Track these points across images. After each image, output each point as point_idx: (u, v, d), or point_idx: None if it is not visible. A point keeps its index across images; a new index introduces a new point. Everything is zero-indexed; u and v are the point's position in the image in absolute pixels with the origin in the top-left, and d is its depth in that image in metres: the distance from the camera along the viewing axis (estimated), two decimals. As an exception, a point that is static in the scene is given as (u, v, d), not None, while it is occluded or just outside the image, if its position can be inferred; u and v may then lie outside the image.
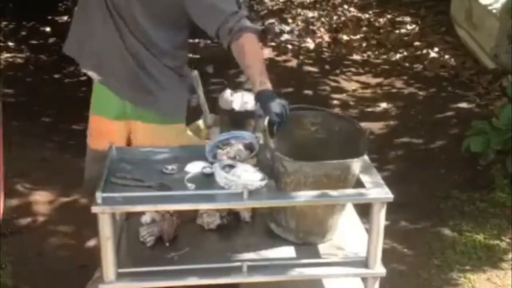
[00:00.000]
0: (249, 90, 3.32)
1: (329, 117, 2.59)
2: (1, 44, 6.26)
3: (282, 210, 2.46)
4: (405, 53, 6.42)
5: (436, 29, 6.98)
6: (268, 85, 2.51)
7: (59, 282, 3.22)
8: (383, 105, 5.37)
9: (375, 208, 2.30)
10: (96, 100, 3.00)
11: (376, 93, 5.63)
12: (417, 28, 7.06)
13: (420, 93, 5.61)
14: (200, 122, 3.62)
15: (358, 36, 6.85)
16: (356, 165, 2.34)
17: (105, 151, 2.58)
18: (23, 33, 6.68)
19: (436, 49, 6.40)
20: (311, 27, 7.08)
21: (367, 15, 7.45)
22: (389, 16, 7.42)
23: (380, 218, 2.30)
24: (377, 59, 6.33)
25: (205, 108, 3.51)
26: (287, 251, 2.51)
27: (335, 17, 7.37)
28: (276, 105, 2.42)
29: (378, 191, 2.32)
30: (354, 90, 5.67)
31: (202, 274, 2.35)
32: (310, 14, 7.47)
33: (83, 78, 5.82)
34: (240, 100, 3.43)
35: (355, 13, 7.51)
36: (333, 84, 5.78)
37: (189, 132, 3.15)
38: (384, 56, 6.40)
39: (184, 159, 2.52)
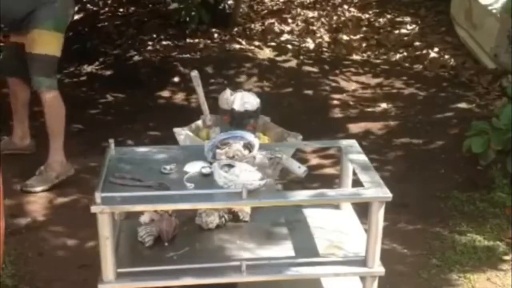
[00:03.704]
0: (248, 90, 3.34)
1: None
2: (1, 44, 6.26)
3: None
4: (405, 53, 6.41)
5: (436, 29, 6.98)
6: None
7: (59, 282, 3.22)
8: (383, 105, 5.37)
9: (373, 207, 2.30)
10: None
11: (376, 93, 5.62)
12: (417, 28, 7.05)
13: (420, 93, 5.61)
14: (200, 122, 3.62)
15: (358, 36, 6.84)
16: None
17: None
18: (23, 33, 6.68)
19: (436, 49, 6.39)
20: (311, 27, 7.07)
21: (367, 15, 7.44)
22: (389, 16, 7.41)
23: (379, 217, 2.31)
24: (377, 59, 6.33)
25: (205, 108, 3.52)
26: (286, 250, 2.51)
27: (335, 17, 7.36)
28: None
29: (376, 190, 2.32)
30: (354, 90, 5.66)
31: (201, 273, 2.36)
32: (310, 14, 7.46)
33: (83, 78, 5.83)
34: (240, 100, 3.43)
35: (355, 13, 7.50)
36: (333, 84, 5.77)
37: None
38: (384, 56, 6.39)
39: (183, 159, 2.53)
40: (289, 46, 6.51)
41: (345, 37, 6.79)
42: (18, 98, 4.24)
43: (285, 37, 6.78)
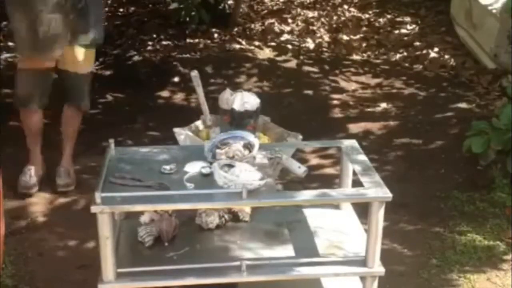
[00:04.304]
0: (248, 90, 3.33)
1: None
2: (1, 44, 6.25)
3: None
4: (405, 53, 6.41)
5: (436, 29, 6.98)
6: None
7: (59, 282, 3.22)
8: (383, 105, 5.37)
9: (373, 207, 2.30)
10: None
11: (376, 93, 5.62)
12: (417, 28, 7.05)
13: (420, 93, 5.61)
14: (200, 122, 3.62)
15: (358, 36, 6.84)
16: None
17: None
18: (23, 33, 6.69)
19: (436, 49, 6.39)
20: (311, 27, 7.07)
21: (367, 15, 7.44)
22: (389, 16, 7.41)
23: (379, 217, 2.30)
24: (377, 59, 6.33)
25: (205, 108, 3.52)
26: (286, 250, 2.51)
27: (335, 17, 7.36)
28: None
29: (376, 190, 2.32)
30: (354, 90, 5.66)
31: (201, 273, 2.35)
32: (310, 14, 7.46)
33: (83, 78, 5.83)
34: (240, 100, 3.43)
35: (355, 13, 7.50)
36: (333, 84, 5.77)
37: None
38: (384, 56, 6.39)
39: (183, 159, 2.53)
40: (289, 46, 6.51)
41: (345, 37, 6.79)
42: (38, 126, 3.96)
43: (285, 37, 6.78)
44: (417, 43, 6.62)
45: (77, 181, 4.05)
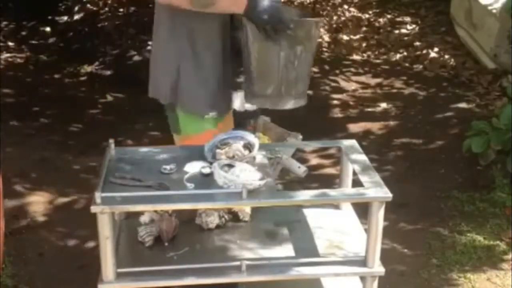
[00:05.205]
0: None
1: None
2: (1, 44, 6.26)
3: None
4: (405, 53, 6.42)
5: (436, 29, 6.98)
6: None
7: (59, 282, 3.22)
8: (383, 105, 5.37)
9: (374, 207, 2.29)
10: None
11: (376, 93, 5.63)
12: (417, 28, 7.06)
13: (420, 93, 5.61)
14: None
15: (358, 36, 6.85)
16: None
17: None
18: (23, 33, 6.69)
19: (436, 49, 6.40)
20: (311, 27, 7.08)
21: (367, 15, 7.45)
22: (389, 16, 7.42)
23: (379, 217, 2.30)
24: (377, 59, 6.34)
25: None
26: (286, 250, 2.51)
27: (335, 17, 7.37)
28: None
29: (376, 190, 2.32)
30: (354, 90, 5.67)
31: (201, 273, 2.35)
32: (310, 14, 7.47)
33: (83, 78, 5.83)
34: (240, 100, 3.43)
35: (355, 13, 7.50)
36: (333, 84, 5.78)
37: None
38: (384, 56, 6.40)
39: (183, 159, 2.52)
40: (289, 46, 6.51)
41: (345, 37, 6.80)
42: None
43: (285, 37, 6.77)
44: (417, 43, 6.63)
45: (77, 181, 4.06)
